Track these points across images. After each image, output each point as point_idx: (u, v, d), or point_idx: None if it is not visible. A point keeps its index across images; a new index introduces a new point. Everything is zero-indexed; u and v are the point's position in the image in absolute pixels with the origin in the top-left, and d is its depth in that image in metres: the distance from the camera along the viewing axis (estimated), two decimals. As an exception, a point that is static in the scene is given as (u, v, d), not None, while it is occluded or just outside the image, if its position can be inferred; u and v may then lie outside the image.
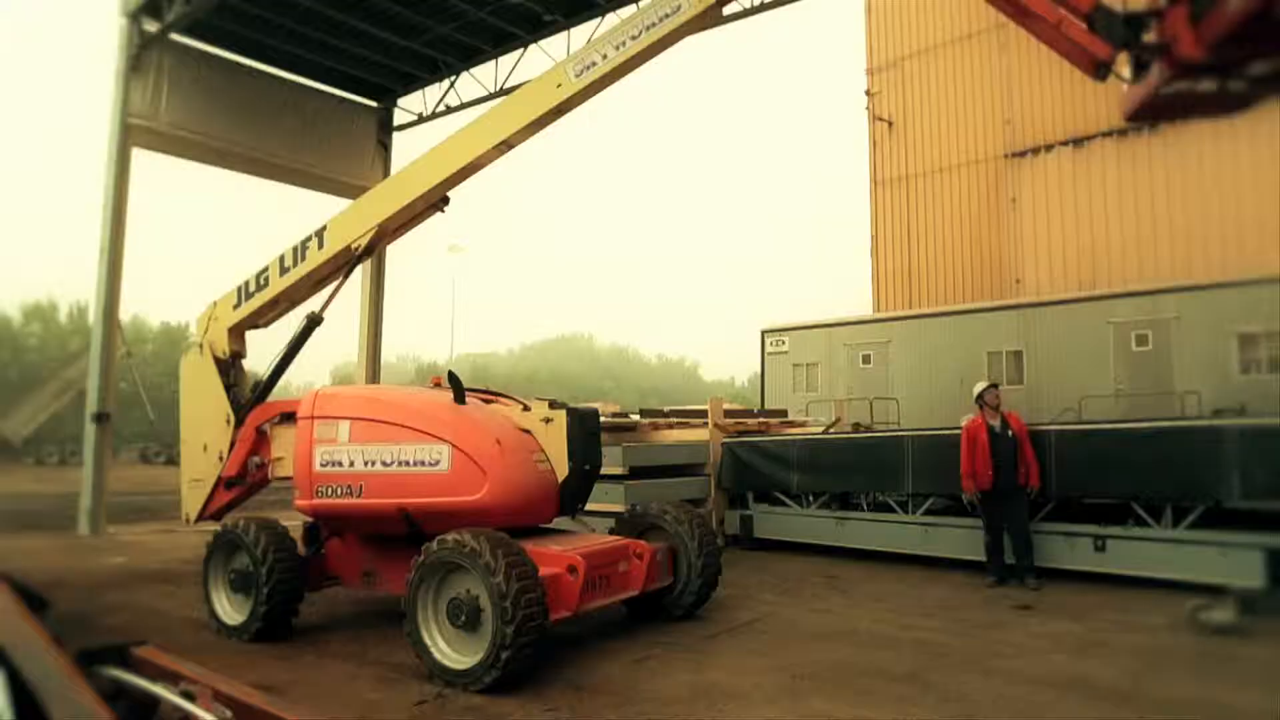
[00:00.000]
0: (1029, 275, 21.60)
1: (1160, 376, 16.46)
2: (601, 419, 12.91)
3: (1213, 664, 6.53)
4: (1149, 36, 6.83)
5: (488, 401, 8.08)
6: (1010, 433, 9.62)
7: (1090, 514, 9.82)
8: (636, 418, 14.37)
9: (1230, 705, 5.61)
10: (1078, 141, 21.27)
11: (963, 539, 10.47)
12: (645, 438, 13.29)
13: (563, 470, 7.68)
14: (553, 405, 7.90)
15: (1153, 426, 9.51)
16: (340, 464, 7.21)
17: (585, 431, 7.91)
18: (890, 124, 24.90)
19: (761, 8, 13.32)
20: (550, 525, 8.01)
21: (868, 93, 25.52)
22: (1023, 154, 22.14)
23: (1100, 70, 6.93)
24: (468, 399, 7.61)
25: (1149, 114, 7.77)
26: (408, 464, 7.03)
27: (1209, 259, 18.91)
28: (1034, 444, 9.68)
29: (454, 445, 6.99)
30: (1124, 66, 7.31)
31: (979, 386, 10.01)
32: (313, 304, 9.08)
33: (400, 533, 7.18)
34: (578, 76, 8.46)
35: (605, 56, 8.44)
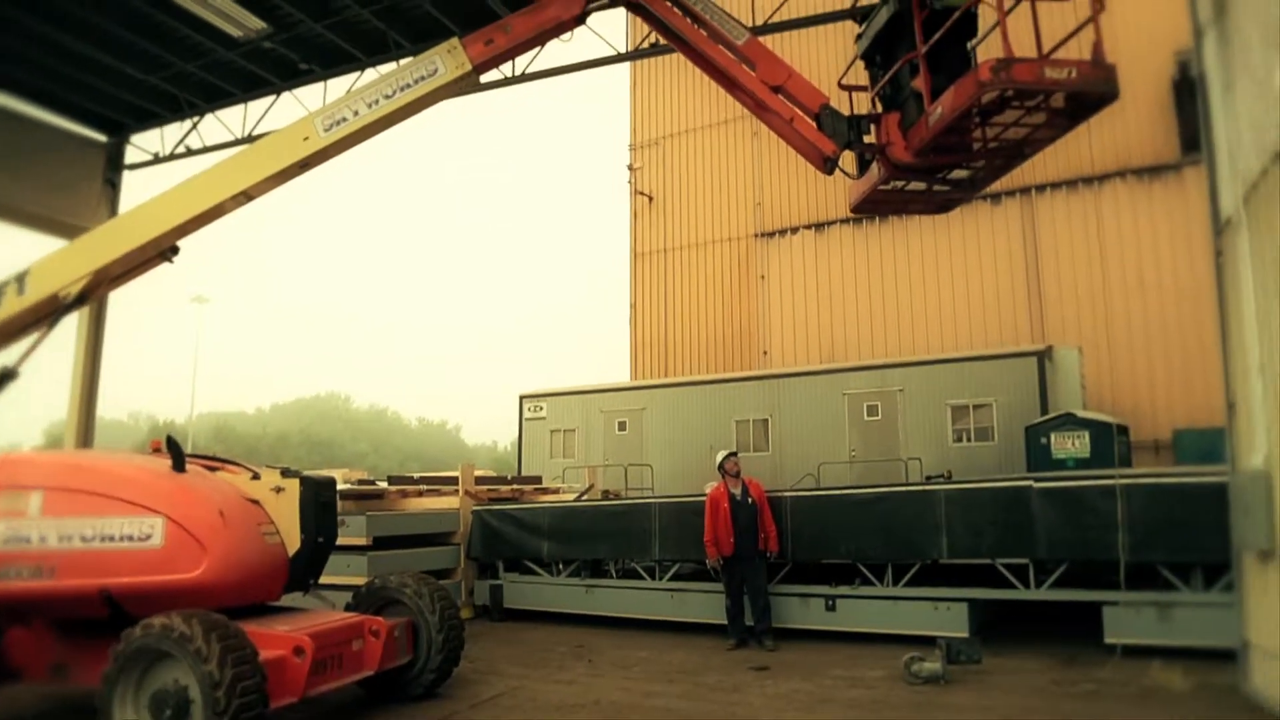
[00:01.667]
0: (776, 348, 22.98)
1: (888, 444, 17.86)
2: (345, 486, 12.41)
3: (923, 712, 7.01)
4: (869, 138, 7.54)
5: (212, 469, 7.47)
6: (750, 500, 10.03)
7: (825, 575, 10.37)
8: (385, 485, 13.83)
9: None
10: (819, 225, 23.07)
11: (708, 603, 10.75)
12: (393, 506, 12.80)
13: (294, 543, 7.20)
14: (285, 473, 7.42)
15: (874, 492, 10.25)
16: (27, 540, 6.38)
17: (320, 501, 7.47)
18: (650, 199, 25.93)
19: (523, 78, 13.54)
20: (280, 603, 7.46)
21: (630, 167, 26.50)
22: (771, 234, 23.70)
23: (827, 164, 7.55)
24: (189, 466, 7.00)
25: (870, 207, 8.56)
26: (113, 539, 6.33)
27: (929, 337, 20.95)
28: (773, 510, 10.15)
29: (169, 517, 6.38)
30: (851, 163, 8.02)
31: (720, 455, 10.39)
32: (7, 356, 8.05)
33: (102, 617, 6.42)
34: (326, 131, 8.18)
35: (357, 113, 8.22)
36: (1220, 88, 7.26)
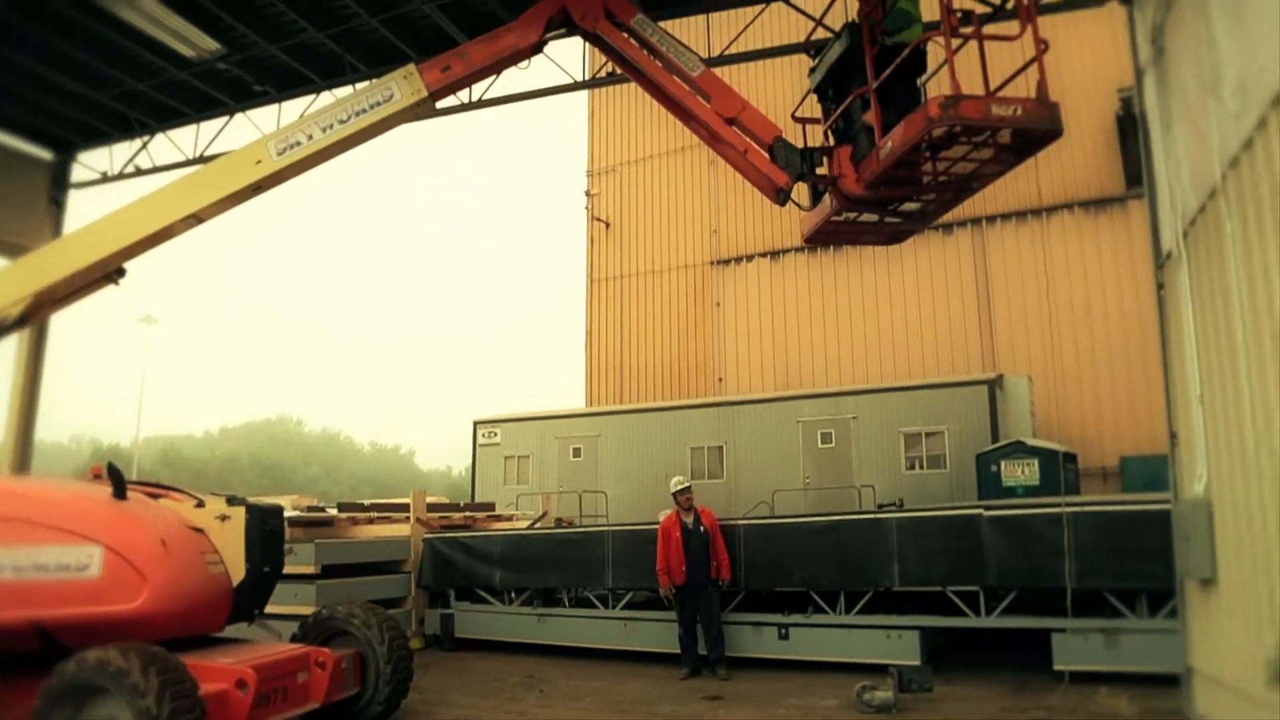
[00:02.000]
0: (731, 374, 23.08)
1: (842, 471, 17.98)
2: (294, 513, 12.20)
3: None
4: (822, 170, 7.63)
5: (155, 496, 7.29)
6: (703, 529, 10.02)
7: (778, 603, 10.37)
8: (335, 512, 13.61)
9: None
10: (775, 254, 23.28)
11: (661, 632, 10.68)
12: (343, 533, 12.59)
13: (239, 572, 7.04)
14: (231, 501, 7.27)
15: (827, 520, 10.29)
16: (-47, 570, 6.15)
17: (266, 529, 7.32)
18: (608, 225, 26.01)
19: (480, 104, 13.53)
20: (224, 634, 7.28)
21: (588, 193, 26.58)
22: (727, 261, 23.87)
23: (780, 196, 7.63)
24: (131, 494, 6.83)
25: (823, 238, 8.66)
26: (47, 569, 6.13)
27: (883, 365, 21.19)
28: (726, 538, 10.14)
29: (108, 547, 6.20)
30: (804, 194, 8.11)
31: (674, 484, 10.36)
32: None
33: (34, 651, 6.21)
34: (280, 155, 8.10)
35: (311, 137, 8.16)
36: (1160, 127, 7.47)
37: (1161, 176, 7.56)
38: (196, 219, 8.14)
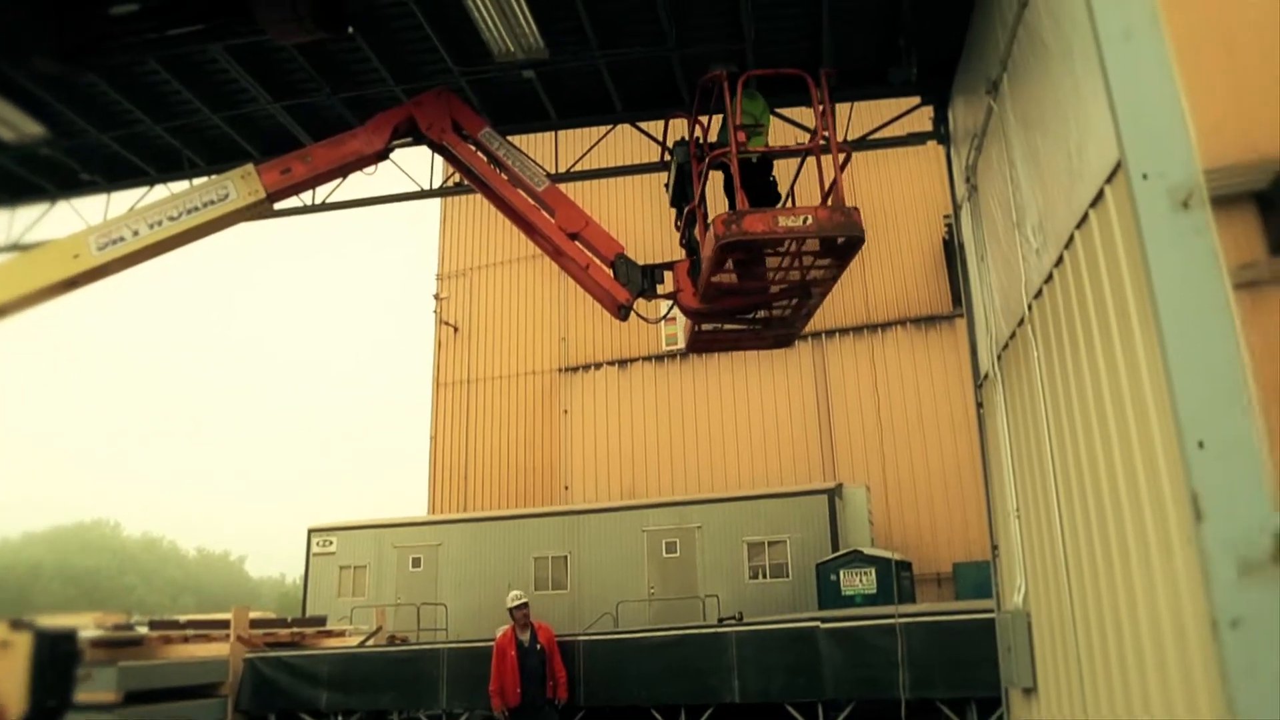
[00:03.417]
0: (577, 483, 22.89)
1: (687, 581, 17.93)
2: (96, 632, 11.14)
3: None
4: (663, 287, 7.77)
5: (-77, 621, 6.49)
6: (539, 646, 9.70)
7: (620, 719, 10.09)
8: (145, 630, 12.52)
9: None
10: (623, 362, 23.53)
11: (498, 756, 10.18)
12: (153, 654, 11.57)
13: (17, 709, 6.29)
14: (15, 625, 6.54)
15: (668, 635, 10.19)
16: None
17: (56, 657, 6.61)
18: (456, 329, 25.77)
19: (322, 207, 13.25)
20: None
21: (436, 296, 26.35)
22: (575, 369, 23.94)
23: (621, 311, 7.71)
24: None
25: (703, 347, 8.83)
26: None
27: (727, 474, 21.50)
28: (564, 655, 9.84)
29: None
30: (648, 308, 8.20)
31: (510, 599, 10.01)
32: None
33: None
34: (100, 250, 7.63)
35: (137, 233, 7.74)
36: (975, 257, 8.02)
37: (978, 303, 8.08)
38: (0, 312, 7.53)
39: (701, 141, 7.44)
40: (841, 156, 6.64)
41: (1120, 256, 4.29)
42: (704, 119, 7.57)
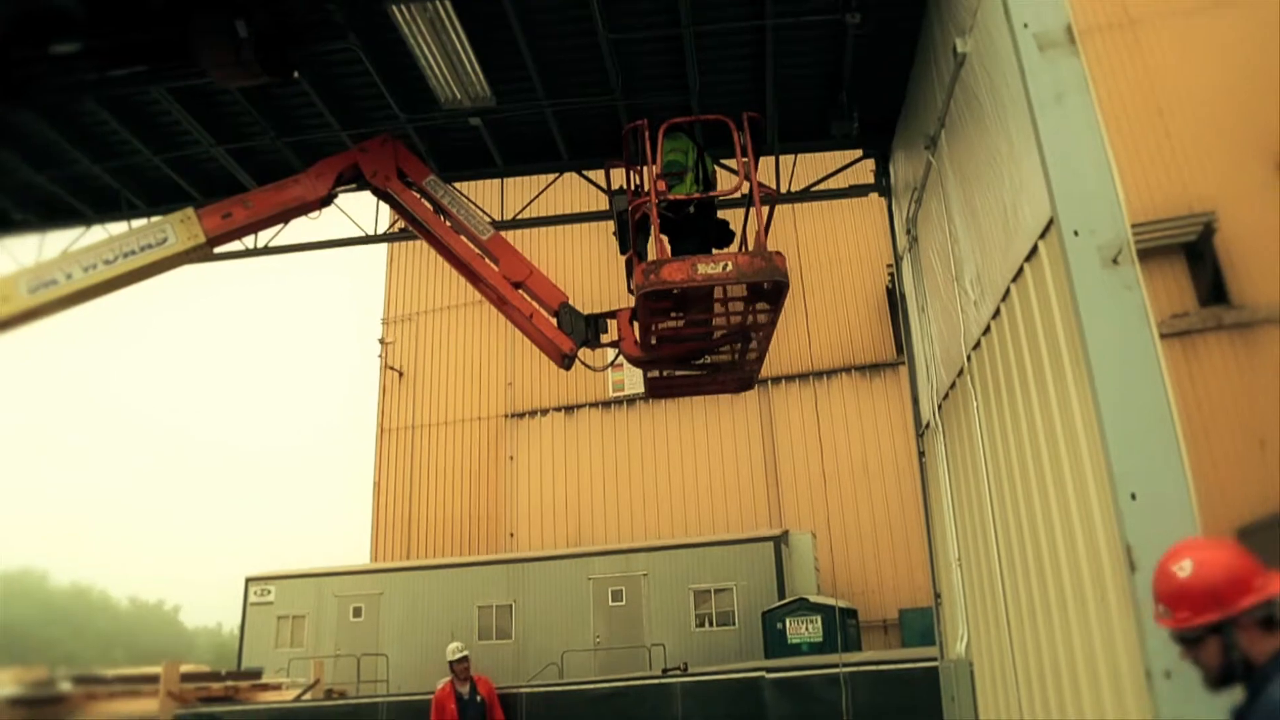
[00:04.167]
0: (522, 530, 22.62)
1: (633, 630, 17.73)
2: (12, 691, 10.63)
3: None
4: (607, 336, 7.77)
5: None
6: (479, 699, 9.48)
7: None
8: (68, 686, 11.99)
9: None
10: (569, 408, 23.43)
11: (436, 814, 9.88)
12: (77, 712, 11.08)
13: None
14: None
15: (611, 686, 10.05)
16: None
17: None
18: (401, 374, 25.49)
19: (265, 251, 13.05)
20: None
21: (381, 341, 26.07)
22: (521, 415, 23.77)
23: (565, 361, 7.70)
24: None
25: (662, 393, 8.83)
26: None
27: (674, 521, 21.41)
28: (506, 708, 9.64)
29: None
30: (593, 356, 8.18)
31: (450, 652, 9.75)
32: None
33: None
34: (31, 293, 7.42)
35: (70, 276, 7.54)
36: (916, 308, 8.17)
37: (919, 353, 8.21)
38: (-80, 357, 7.27)
39: (635, 190, 7.50)
40: (768, 205, 6.68)
41: (1054, 311, 4.39)
42: (641, 167, 7.62)
